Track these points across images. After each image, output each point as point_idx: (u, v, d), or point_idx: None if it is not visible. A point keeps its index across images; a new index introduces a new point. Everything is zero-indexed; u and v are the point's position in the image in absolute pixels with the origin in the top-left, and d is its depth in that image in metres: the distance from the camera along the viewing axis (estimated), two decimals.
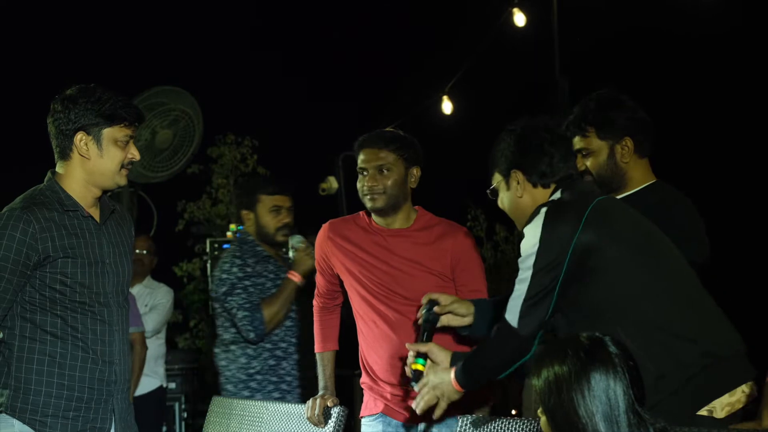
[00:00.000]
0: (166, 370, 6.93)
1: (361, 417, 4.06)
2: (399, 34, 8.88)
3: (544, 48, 7.18)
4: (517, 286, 3.08)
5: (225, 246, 7.87)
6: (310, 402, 3.94)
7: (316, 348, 4.14)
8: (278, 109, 8.92)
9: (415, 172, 3.95)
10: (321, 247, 4.06)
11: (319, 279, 4.16)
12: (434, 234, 3.94)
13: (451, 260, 3.91)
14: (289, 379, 4.98)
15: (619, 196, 3.55)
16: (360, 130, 4.10)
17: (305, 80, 9.15)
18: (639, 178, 3.60)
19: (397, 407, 3.93)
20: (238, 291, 4.87)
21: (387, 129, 4.27)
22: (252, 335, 4.84)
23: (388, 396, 3.93)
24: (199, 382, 8.24)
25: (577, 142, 3.60)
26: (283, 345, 4.98)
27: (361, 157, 3.93)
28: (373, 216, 3.98)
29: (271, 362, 4.94)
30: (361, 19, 9.12)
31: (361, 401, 4.07)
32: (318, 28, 9.30)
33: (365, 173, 3.90)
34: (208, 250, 8.01)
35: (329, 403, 3.92)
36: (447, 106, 7.94)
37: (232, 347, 4.95)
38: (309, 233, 7.31)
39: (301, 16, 9.25)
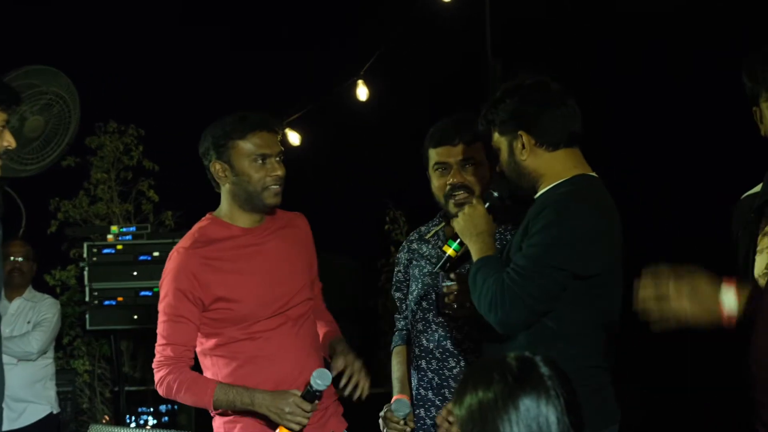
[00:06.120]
0: None
1: None
2: (310, 10, 8.60)
3: (473, 27, 7.15)
4: None
5: (105, 251, 7.37)
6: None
7: (206, 399, 3.69)
8: (168, 95, 8.41)
9: None
10: (188, 280, 3.70)
11: (181, 328, 3.73)
12: (283, 222, 3.94)
13: (308, 246, 3.99)
14: None
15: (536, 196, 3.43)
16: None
17: (199, 61, 8.70)
18: (552, 173, 3.34)
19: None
20: None
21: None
22: None
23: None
24: (73, 407, 7.82)
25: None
26: None
27: (266, 142, 3.80)
28: (239, 217, 3.83)
29: None
30: None
31: None
32: (220, 3, 9.00)
33: (267, 161, 3.77)
34: (85, 255, 7.38)
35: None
36: (362, 92, 7.74)
37: None
38: None
39: None
